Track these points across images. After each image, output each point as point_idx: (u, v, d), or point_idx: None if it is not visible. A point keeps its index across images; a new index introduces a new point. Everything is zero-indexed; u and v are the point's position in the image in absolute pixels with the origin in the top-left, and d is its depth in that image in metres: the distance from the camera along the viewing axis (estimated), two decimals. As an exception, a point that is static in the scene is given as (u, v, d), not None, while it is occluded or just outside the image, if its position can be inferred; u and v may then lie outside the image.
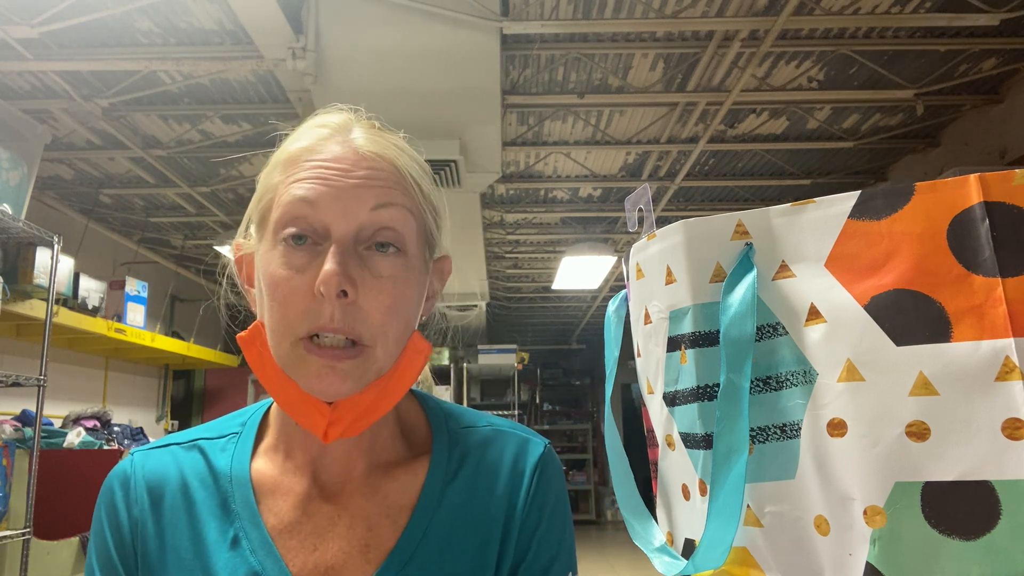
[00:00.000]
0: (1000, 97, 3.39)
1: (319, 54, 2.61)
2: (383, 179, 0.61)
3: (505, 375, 8.86)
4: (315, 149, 0.61)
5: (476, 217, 4.16)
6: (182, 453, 0.67)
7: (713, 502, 0.58)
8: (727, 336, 0.59)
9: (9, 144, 2.80)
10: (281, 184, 0.61)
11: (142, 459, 0.67)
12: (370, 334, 0.58)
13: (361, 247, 0.59)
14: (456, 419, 0.71)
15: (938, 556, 0.50)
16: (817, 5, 2.72)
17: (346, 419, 0.60)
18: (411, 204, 0.62)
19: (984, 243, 0.51)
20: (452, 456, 0.67)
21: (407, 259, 0.61)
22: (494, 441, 0.69)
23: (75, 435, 3.33)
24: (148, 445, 0.69)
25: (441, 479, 0.66)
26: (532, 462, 0.68)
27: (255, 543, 0.62)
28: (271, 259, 0.60)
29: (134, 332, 4.10)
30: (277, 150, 0.65)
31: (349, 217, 0.58)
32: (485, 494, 0.66)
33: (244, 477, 0.65)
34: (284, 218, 0.59)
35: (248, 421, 0.70)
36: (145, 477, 0.66)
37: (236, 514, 0.63)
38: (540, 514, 0.66)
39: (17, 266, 2.90)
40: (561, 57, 3.08)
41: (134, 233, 5.05)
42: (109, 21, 2.69)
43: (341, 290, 0.56)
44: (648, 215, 0.71)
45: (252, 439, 0.68)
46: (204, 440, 0.68)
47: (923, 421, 0.51)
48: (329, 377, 0.58)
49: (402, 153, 0.64)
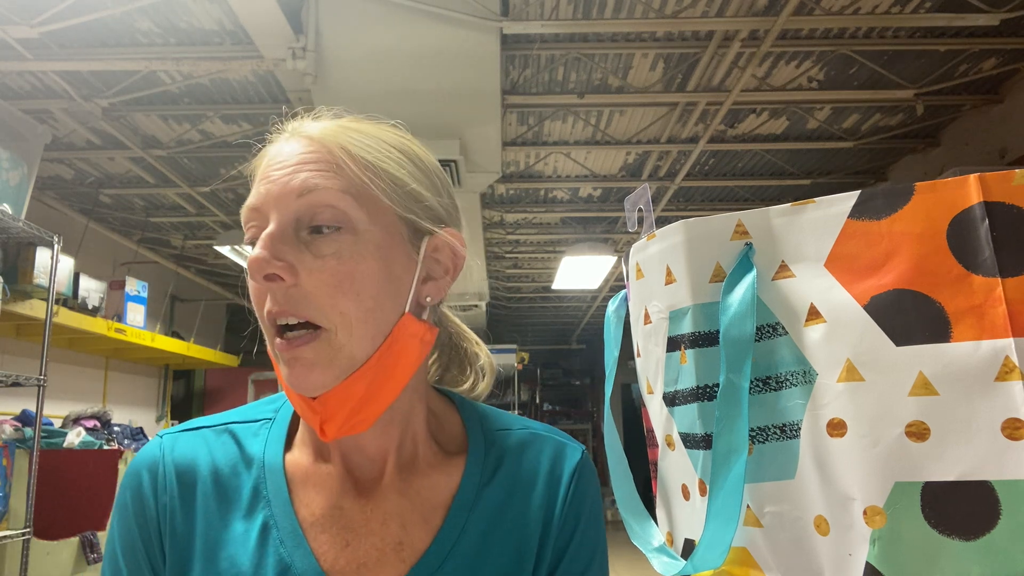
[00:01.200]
0: (1000, 97, 3.39)
1: (319, 54, 2.61)
2: (313, 161, 0.59)
3: (505, 375, 8.86)
4: (269, 154, 0.62)
5: (476, 217, 4.16)
6: (213, 437, 0.66)
7: (713, 502, 0.58)
8: (727, 336, 0.59)
9: (9, 144, 2.80)
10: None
11: (171, 443, 0.65)
12: (322, 315, 0.57)
13: (303, 232, 0.58)
14: (491, 420, 0.70)
15: (938, 556, 0.50)
16: (817, 5, 2.72)
17: (339, 415, 0.58)
18: (348, 183, 0.59)
19: (984, 243, 0.51)
20: (488, 458, 0.66)
21: (356, 237, 0.58)
22: (531, 445, 0.68)
23: (75, 435, 3.33)
24: (177, 428, 0.67)
25: (477, 480, 0.64)
26: (570, 468, 0.67)
27: (285, 533, 0.60)
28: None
29: (134, 332, 4.10)
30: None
31: (281, 207, 0.58)
32: (522, 498, 0.64)
33: (278, 465, 0.63)
34: (244, 225, 0.61)
35: (282, 408, 0.68)
36: (175, 462, 0.64)
37: (268, 501, 0.62)
38: (577, 521, 0.65)
39: (17, 266, 2.90)
40: (561, 57, 3.08)
41: (134, 233, 5.05)
42: (109, 21, 2.69)
43: (268, 273, 0.56)
44: (648, 215, 0.71)
45: (286, 426, 0.66)
46: (236, 424, 0.67)
47: (923, 421, 0.51)
48: (296, 368, 0.57)
49: (345, 131, 0.62)
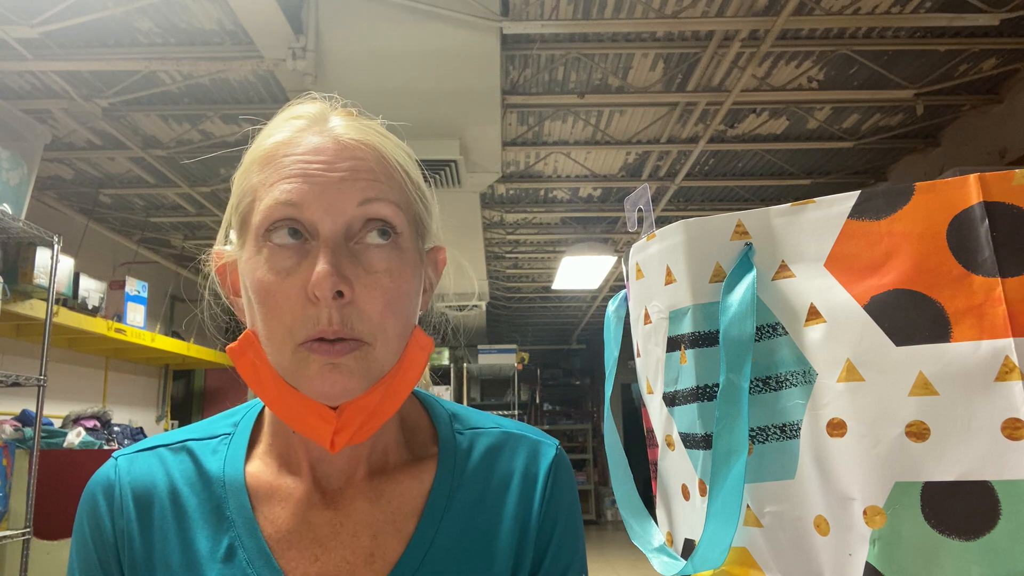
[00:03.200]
0: (1000, 97, 3.39)
1: (319, 54, 2.61)
2: (368, 170, 0.57)
3: (505, 375, 8.86)
4: (292, 143, 0.57)
5: (476, 217, 4.16)
6: (170, 456, 0.63)
7: (712, 502, 0.58)
8: (727, 336, 0.59)
9: (9, 144, 2.80)
10: (261, 185, 0.57)
11: (127, 464, 0.63)
12: (370, 332, 0.55)
13: (352, 242, 0.56)
14: (462, 420, 0.68)
15: (938, 556, 0.50)
16: (817, 5, 2.72)
17: (353, 425, 0.56)
18: (400, 194, 0.58)
19: (984, 243, 0.51)
20: (459, 460, 0.64)
21: (401, 251, 0.58)
22: (504, 444, 0.66)
23: (75, 435, 3.33)
24: (132, 448, 0.65)
25: (449, 484, 0.63)
26: (545, 467, 0.65)
27: (252, 554, 0.58)
28: (256, 264, 0.56)
29: (134, 332, 4.10)
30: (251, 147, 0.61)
31: (336, 214, 0.55)
32: (496, 500, 0.63)
33: (238, 482, 0.61)
34: (267, 221, 0.55)
35: (241, 421, 0.66)
36: (131, 484, 0.61)
37: (231, 522, 0.59)
38: (555, 521, 0.64)
39: (17, 266, 2.90)
40: (561, 57, 3.08)
41: (134, 233, 5.06)
42: (109, 21, 2.69)
43: (337, 291, 0.53)
44: (648, 215, 0.71)
45: (246, 441, 0.64)
46: (193, 441, 0.64)
47: (923, 421, 0.51)
48: (332, 376, 0.54)
49: (386, 140, 0.60)
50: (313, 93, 0.63)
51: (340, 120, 0.60)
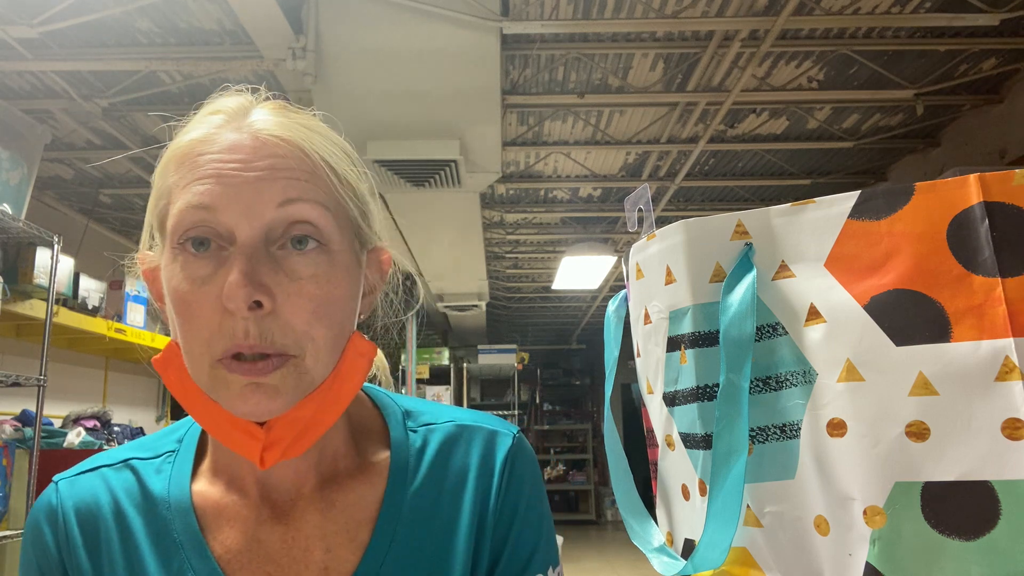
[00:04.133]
0: (1000, 97, 3.39)
1: (319, 54, 2.61)
2: (289, 168, 0.53)
3: (505, 375, 8.86)
4: (209, 140, 0.53)
5: (476, 217, 4.15)
6: (113, 475, 0.60)
7: (712, 502, 0.58)
8: (727, 336, 0.59)
9: (9, 144, 2.80)
10: (176, 186, 0.53)
11: (68, 487, 0.60)
12: (296, 343, 0.51)
13: (274, 247, 0.52)
14: (414, 417, 0.65)
15: (938, 556, 0.50)
16: (817, 5, 2.72)
17: (284, 441, 0.53)
18: (326, 193, 0.54)
19: (984, 243, 0.51)
20: (412, 460, 0.61)
21: (330, 255, 0.54)
22: (458, 438, 0.63)
23: (75, 435, 3.33)
24: (72, 470, 0.62)
25: (403, 488, 0.60)
26: (501, 457, 0.62)
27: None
28: (173, 272, 0.52)
29: (134, 332, 4.10)
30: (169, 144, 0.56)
31: (253, 217, 0.51)
32: (452, 498, 0.60)
33: (185, 503, 0.58)
34: (180, 227, 0.51)
35: (185, 436, 0.63)
36: (74, 507, 0.59)
37: (179, 545, 0.57)
38: (514, 511, 0.61)
39: (17, 266, 2.90)
40: (561, 57, 3.08)
41: (134, 233, 5.05)
42: (109, 21, 2.69)
43: (253, 301, 0.49)
44: (648, 215, 0.71)
45: (191, 458, 0.61)
46: (136, 460, 0.61)
47: (923, 421, 0.51)
48: (255, 396, 0.50)
49: (313, 134, 0.56)
50: (238, 87, 0.58)
51: (263, 114, 0.55)
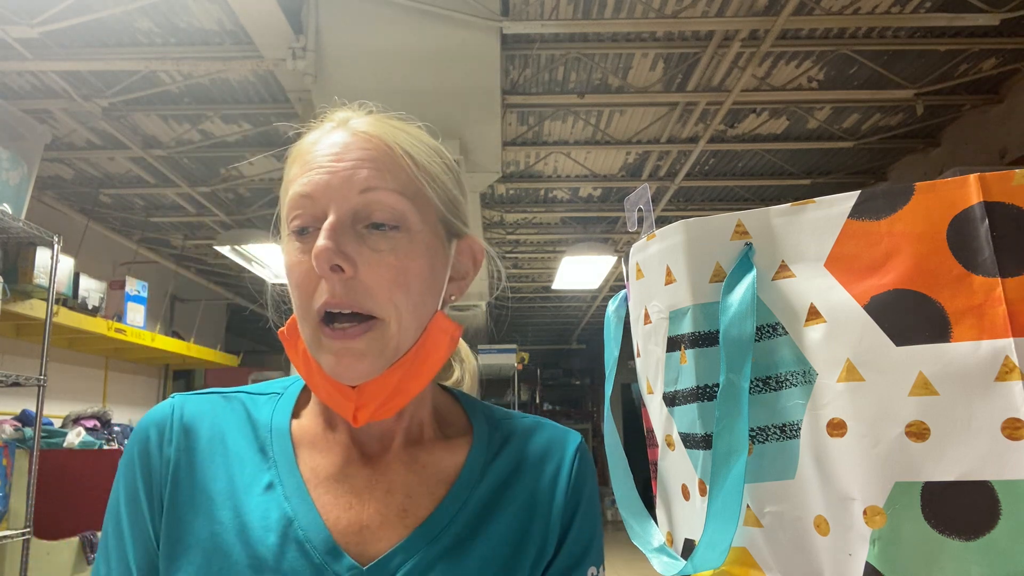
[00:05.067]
0: (1000, 97, 3.38)
1: (319, 54, 2.61)
2: (373, 159, 0.61)
3: (505, 375, 8.85)
4: (319, 142, 0.63)
5: (476, 217, 4.15)
6: (222, 402, 0.68)
7: (712, 502, 0.58)
8: (727, 336, 0.59)
9: (9, 144, 2.80)
10: (291, 179, 0.63)
11: (182, 401, 0.67)
12: (379, 307, 0.59)
13: (360, 226, 0.60)
14: (494, 411, 0.73)
15: (938, 556, 0.50)
16: (817, 5, 2.72)
17: (373, 402, 0.61)
18: (406, 184, 0.62)
19: (984, 243, 0.51)
20: (492, 439, 0.69)
21: (410, 235, 0.61)
22: (534, 430, 0.71)
23: (75, 435, 3.33)
24: (192, 392, 0.70)
25: (482, 458, 0.67)
26: (572, 451, 0.69)
27: (290, 489, 0.62)
28: (287, 251, 0.62)
29: (134, 332, 4.09)
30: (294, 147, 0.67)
31: (340, 200, 0.59)
32: (529, 476, 0.67)
33: (283, 428, 0.66)
34: (290, 213, 0.61)
35: (291, 386, 0.71)
36: (183, 418, 0.65)
37: (273, 460, 0.63)
38: (579, 501, 0.67)
39: (17, 266, 2.90)
40: (561, 57, 3.08)
41: (134, 233, 5.05)
42: (109, 21, 2.69)
43: (334, 264, 0.57)
44: (648, 215, 0.71)
45: (294, 400, 0.69)
46: (245, 395, 0.69)
47: (923, 421, 0.51)
48: (346, 359, 0.58)
49: (398, 131, 0.64)
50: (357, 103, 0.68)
51: (361, 118, 0.65)
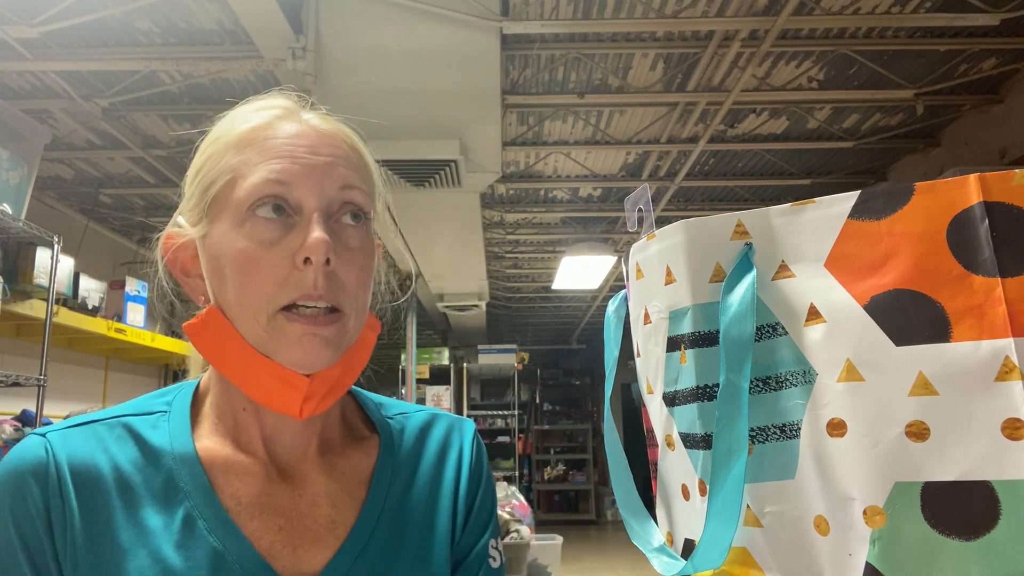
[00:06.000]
0: (1000, 97, 3.38)
1: (319, 54, 2.61)
2: (346, 158, 0.63)
3: (505, 375, 8.86)
4: (271, 127, 0.62)
5: (476, 217, 4.15)
6: (106, 431, 0.61)
7: (712, 502, 0.58)
8: (727, 336, 0.59)
9: (9, 144, 2.80)
10: (243, 165, 0.60)
11: (60, 441, 0.59)
12: (347, 302, 0.60)
13: (331, 220, 0.61)
14: (386, 408, 0.75)
15: (938, 556, 0.50)
16: (817, 5, 2.72)
17: (319, 393, 0.60)
18: (369, 184, 0.65)
19: (984, 243, 0.51)
20: (395, 437, 0.71)
21: (368, 234, 0.64)
22: (432, 423, 0.75)
23: (75, 435, 3.32)
24: (61, 424, 0.61)
25: (391, 457, 0.69)
26: (470, 436, 0.75)
27: (212, 522, 0.58)
28: (235, 237, 0.59)
29: (134, 332, 4.09)
30: (217, 131, 0.65)
31: (320, 194, 0.60)
32: (432, 466, 0.71)
33: (190, 454, 0.61)
34: (253, 197, 0.59)
35: (175, 400, 0.65)
36: (68, 461, 0.58)
37: (185, 493, 0.59)
38: (479, 480, 0.73)
39: (17, 266, 2.90)
40: (561, 57, 3.08)
41: (134, 233, 5.05)
42: (109, 21, 2.69)
43: (331, 256, 0.57)
44: (648, 215, 0.71)
45: (187, 418, 0.63)
46: (130, 417, 0.63)
47: (923, 421, 0.51)
48: (312, 344, 0.58)
49: (357, 138, 0.67)
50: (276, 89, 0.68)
51: (313, 114, 0.66)
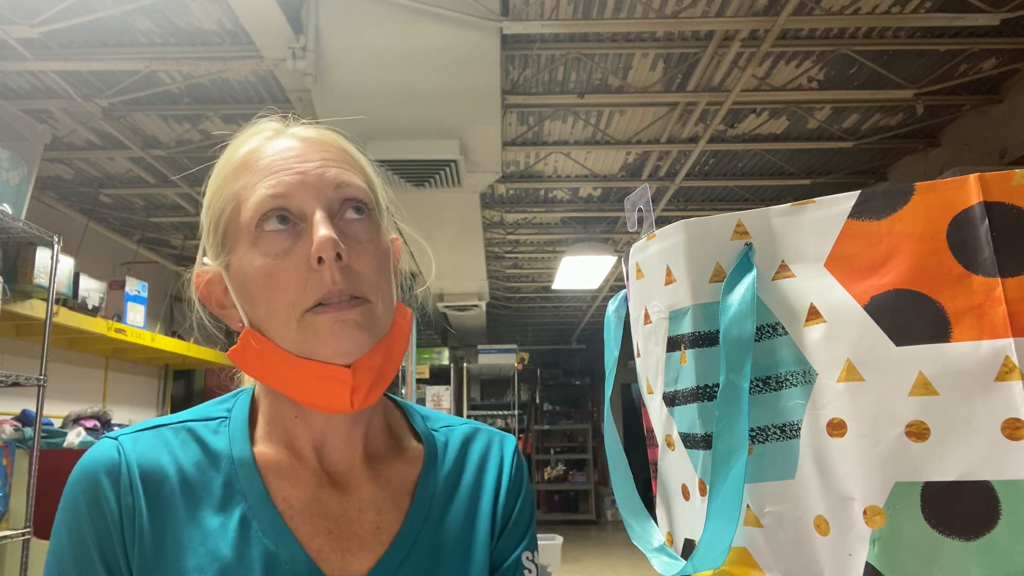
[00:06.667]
0: (1000, 97, 3.38)
1: (319, 54, 2.61)
2: (336, 159, 0.65)
3: (505, 375, 8.86)
4: (261, 149, 0.65)
5: (476, 217, 4.15)
6: (172, 435, 0.65)
7: (712, 502, 0.58)
8: (727, 336, 0.59)
9: (9, 144, 2.80)
10: (243, 189, 0.63)
11: (131, 443, 0.63)
12: (370, 290, 0.62)
13: (335, 219, 0.63)
14: (431, 420, 0.77)
15: (938, 556, 0.50)
16: (817, 5, 2.72)
17: (365, 384, 0.62)
18: (364, 178, 0.67)
19: (984, 243, 0.51)
20: (439, 449, 0.73)
21: (375, 224, 0.66)
22: (475, 436, 0.77)
23: (75, 435, 3.33)
24: (130, 428, 0.65)
25: (434, 468, 0.71)
26: (511, 451, 0.77)
27: (266, 524, 0.61)
28: (252, 257, 0.61)
29: (134, 332, 4.09)
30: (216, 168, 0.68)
31: (319, 198, 0.62)
32: (474, 478, 0.73)
33: (248, 458, 0.64)
34: (258, 214, 0.61)
35: (234, 407, 0.69)
36: (139, 462, 0.62)
37: (242, 495, 0.62)
38: (519, 492, 0.75)
39: (17, 266, 2.90)
40: (561, 57, 3.08)
41: (134, 233, 5.05)
42: (109, 21, 2.69)
43: (340, 250, 0.59)
44: (648, 215, 0.71)
45: (245, 423, 0.67)
46: (193, 423, 0.66)
47: (923, 421, 0.51)
48: (344, 330, 0.59)
49: (343, 138, 0.70)
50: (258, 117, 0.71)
51: (299, 127, 0.68)
